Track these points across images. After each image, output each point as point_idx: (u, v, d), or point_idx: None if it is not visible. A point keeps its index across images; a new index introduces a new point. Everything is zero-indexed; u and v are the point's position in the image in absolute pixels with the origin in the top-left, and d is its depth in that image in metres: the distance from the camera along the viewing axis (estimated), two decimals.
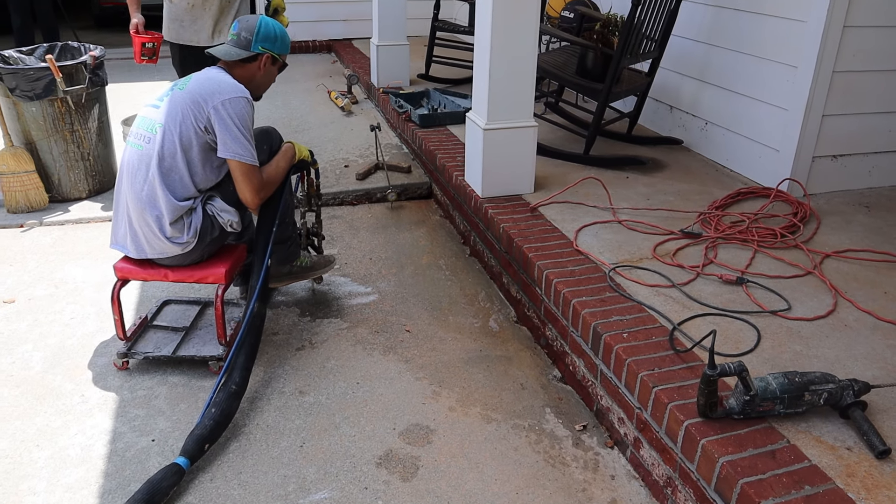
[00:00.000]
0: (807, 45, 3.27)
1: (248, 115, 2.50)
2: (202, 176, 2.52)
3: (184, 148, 2.45)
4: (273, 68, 2.72)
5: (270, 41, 2.64)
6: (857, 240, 3.03)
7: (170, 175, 2.46)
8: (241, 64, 2.63)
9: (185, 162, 2.46)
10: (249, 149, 2.50)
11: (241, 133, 2.46)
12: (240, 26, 2.62)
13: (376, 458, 2.23)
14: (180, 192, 2.48)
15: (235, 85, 2.52)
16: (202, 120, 2.44)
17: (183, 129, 2.44)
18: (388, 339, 2.85)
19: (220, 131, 2.45)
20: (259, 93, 2.73)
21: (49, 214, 3.93)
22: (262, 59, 2.65)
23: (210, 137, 2.47)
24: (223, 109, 2.44)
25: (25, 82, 3.73)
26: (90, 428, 2.36)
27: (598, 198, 3.37)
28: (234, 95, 2.47)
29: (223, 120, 2.44)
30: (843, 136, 3.48)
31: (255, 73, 2.66)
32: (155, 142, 2.45)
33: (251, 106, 2.53)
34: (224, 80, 2.52)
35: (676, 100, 4.31)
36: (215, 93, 2.46)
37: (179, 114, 2.45)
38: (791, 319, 2.42)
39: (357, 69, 6.51)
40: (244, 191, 2.54)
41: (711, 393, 1.88)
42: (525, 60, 3.21)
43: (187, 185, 2.49)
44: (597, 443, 2.32)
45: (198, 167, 2.49)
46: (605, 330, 2.32)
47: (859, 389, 1.95)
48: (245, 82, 2.61)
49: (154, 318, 2.88)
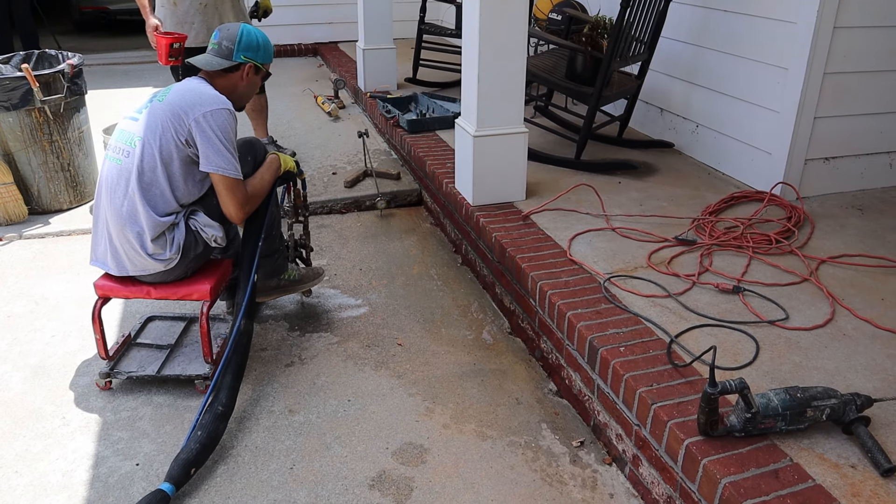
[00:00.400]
0: (797, 46, 3.24)
1: (230, 128, 2.43)
2: (184, 190, 2.44)
3: (164, 162, 2.38)
4: (256, 78, 2.65)
5: (253, 50, 2.57)
6: (852, 244, 2.99)
7: (150, 190, 2.38)
8: (223, 74, 2.56)
9: (165, 176, 2.39)
10: (233, 162, 2.43)
11: (223, 146, 2.39)
12: (221, 35, 2.55)
13: (369, 480, 2.17)
14: (162, 208, 2.40)
15: (217, 96, 2.44)
16: (183, 133, 2.37)
17: (163, 142, 2.37)
18: (379, 354, 2.79)
19: (201, 145, 2.38)
20: (242, 103, 2.66)
21: (29, 227, 3.84)
22: (244, 68, 2.58)
23: (191, 151, 2.40)
24: (204, 122, 2.37)
25: (1, 92, 3.64)
26: (71, 452, 2.29)
27: (590, 204, 3.32)
28: (216, 107, 2.40)
29: (205, 133, 2.37)
30: (834, 138, 3.44)
31: (237, 84, 2.60)
32: (134, 156, 2.38)
33: (234, 117, 2.46)
34: (205, 92, 2.45)
35: (667, 102, 4.27)
36: (196, 105, 2.39)
37: (159, 126, 2.37)
38: (789, 329, 2.38)
39: (344, 73, 6.44)
40: (228, 205, 2.47)
41: (712, 411, 1.83)
42: (514, 66, 3.15)
43: (168, 199, 2.41)
44: (594, 459, 2.27)
45: (179, 181, 2.42)
46: (602, 344, 2.26)
47: (862, 404, 1.91)
48: (227, 93, 2.54)
49: (138, 336, 2.80)
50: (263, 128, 4.72)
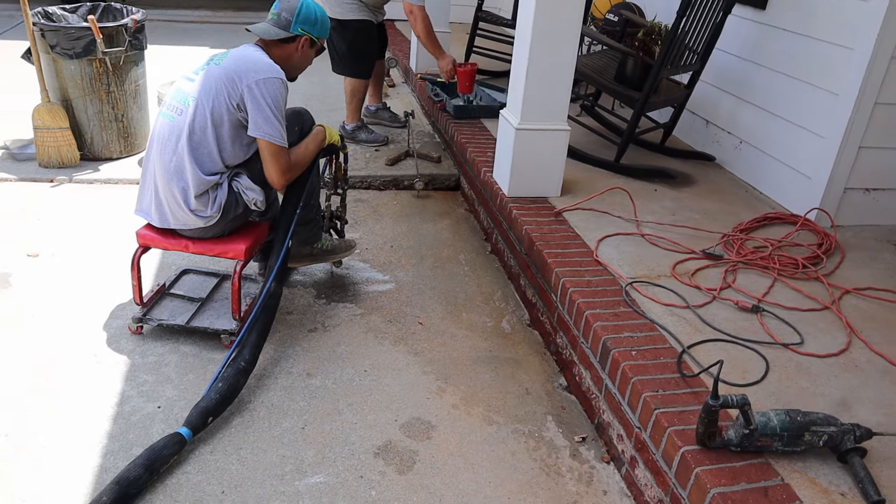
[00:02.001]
0: (851, 73, 3.21)
1: (281, 97, 2.52)
2: (230, 152, 2.54)
3: (214, 123, 2.48)
4: (310, 51, 2.73)
5: (310, 24, 2.65)
6: (881, 278, 2.99)
7: (199, 149, 2.49)
8: (279, 44, 2.64)
9: (214, 137, 2.49)
10: (280, 130, 2.52)
11: (272, 113, 2.48)
12: (281, 6, 2.63)
13: (375, 448, 2.26)
14: (208, 167, 2.51)
15: (271, 65, 2.53)
16: (235, 97, 2.46)
17: (215, 104, 2.46)
18: (400, 330, 2.87)
19: (252, 110, 2.47)
20: (294, 74, 2.74)
21: (79, 172, 3.99)
22: (300, 40, 2.65)
23: (242, 115, 2.49)
24: (257, 89, 2.45)
25: (66, 40, 3.78)
26: (100, 388, 2.42)
27: (623, 208, 3.36)
28: (269, 76, 2.49)
29: (256, 99, 2.46)
30: (878, 169, 3.42)
31: (291, 55, 2.67)
32: (186, 114, 2.48)
33: (285, 87, 2.55)
34: (260, 60, 2.53)
35: (713, 115, 4.26)
36: (250, 71, 2.48)
37: (213, 89, 2.47)
38: (802, 354, 2.40)
39: (397, 52, 6.50)
40: (271, 171, 2.56)
41: (711, 423, 1.88)
42: (563, 64, 3.19)
43: (215, 160, 2.51)
44: (594, 456, 2.33)
45: (227, 143, 2.52)
46: (615, 345, 2.32)
47: (861, 435, 1.94)
48: (281, 62, 2.61)
49: (172, 287, 2.92)
50: (378, 95, 4.88)
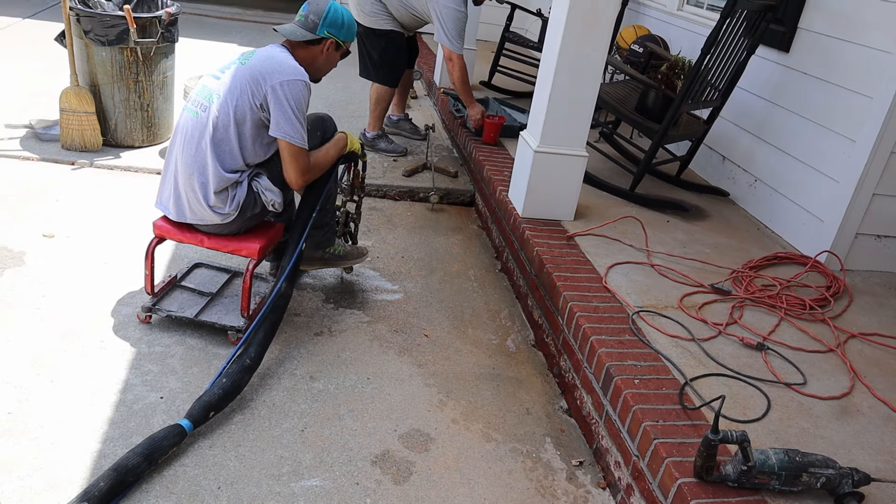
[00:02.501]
0: (869, 120, 3.24)
1: (303, 99, 2.55)
2: (251, 151, 2.58)
3: (237, 121, 2.51)
4: (336, 54, 2.75)
5: (337, 27, 2.67)
6: (887, 324, 2.99)
7: (221, 146, 2.52)
8: (305, 45, 2.67)
9: (236, 135, 2.52)
10: (301, 131, 2.55)
11: (294, 115, 2.51)
12: (309, 8, 2.65)
13: (373, 456, 2.27)
14: (229, 164, 2.54)
15: (296, 67, 2.56)
16: (259, 97, 2.50)
17: (239, 103, 2.50)
18: (405, 341, 2.89)
19: (274, 111, 2.50)
20: (319, 76, 2.77)
21: (101, 157, 4.04)
22: (325, 43, 2.68)
23: (264, 115, 2.52)
24: (280, 90, 2.49)
25: (100, 27, 3.83)
26: (104, 374, 2.44)
27: (635, 237, 3.38)
28: (293, 78, 2.52)
29: (279, 100, 2.49)
30: (891, 217, 3.43)
31: (317, 57, 2.70)
32: (210, 111, 2.52)
33: (308, 90, 2.58)
34: (285, 61, 2.56)
35: (730, 151, 4.29)
36: (275, 72, 2.51)
37: (238, 88, 2.51)
38: (804, 395, 2.41)
39: (422, 65, 6.56)
40: (290, 171, 2.59)
41: (710, 457, 1.89)
42: (586, 91, 3.23)
43: (236, 157, 2.55)
44: (590, 481, 2.34)
45: (248, 142, 2.55)
46: (618, 373, 2.33)
47: (859, 480, 1.94)
48: (306, 64, 2.65)
49: (183, 279, 2.95)
50: (401, 105, 4.91)
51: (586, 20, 3.07)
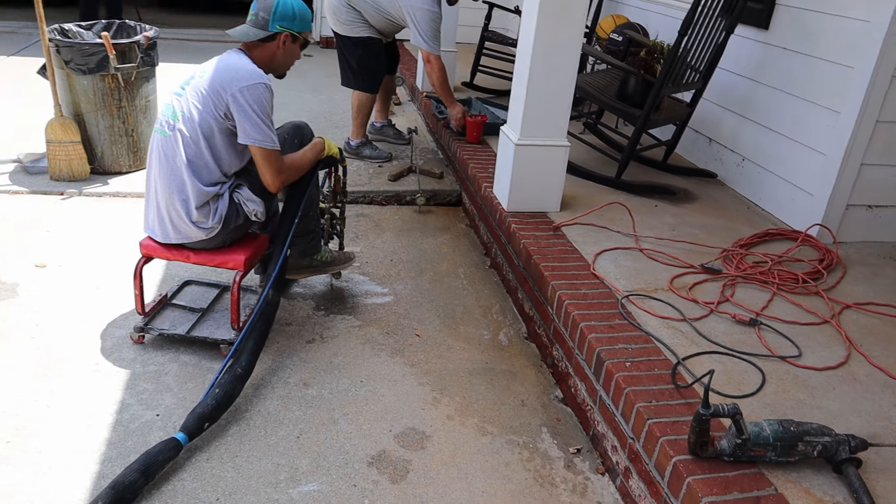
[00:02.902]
0: (852, 91, 3.23)
1: (266, 101, 2.53)
2: (227, 160, 2.58)
3: (205, 135, 2.51)
4: (294, 46, 2.72)
5: (289, 19, 2.64)
6: (882, 293, 2.98)
7: (195, 161, 2.52)
8: (260, 44, 2.64)
9: (208, 148, 2.52)
10: (268, 133, 2.54)
11: (259, 119, 2.50)
12: (258, 6, 2.62)
13: (369, 458, 2.27)
14: (206, 178, 2.54)
15: (252, 70, 2.54)
16: (221, 107, 2.49)
17: (203, 117, 2.50)
18: (397, 342, 2.89)
19: (238, 119, 2.49)
20: (282, 71, 2.77)
21: (89, 185, 4.05)
22: (280, 38, 2.65)
23: (230, 123, 2.52)
24: (241, 97, 2.47)
25: (80, 56, 3.86)
26: (100, 396, 2.44)
27: (622, 223, 3.37)
28: (252, 82, 2.50)
29: (241, 107, 2.48)
30: (880, 186, 3.42)
31: (275, 53, 2.67)
32: (178, 129, 2.51)
33: (269, 91, 2.55)
34: (242, 67, 2.54)
35: (716, 133, 4.28)
36: (233, 80, 2.49)
37: (199, 102, 2.50)
38: (799, 367, 2.40)
39: (404, 70, 6.57)
40: (265, 174, 2.59)
41: (703, 432, 1.88)
42: (563, 81, 3.23)
43: (213, 170, 2.55)
44: (588, 468, 2.33)
45: (222, 152, 2.55)
46: (609, 357, 2.32)
47: (856, 446, 1.93)
48: (266, 63, 2.64)
49: (174, 297, 2.96)
50: (384, 111, 4.93)
51: (559, 9, 3.07)
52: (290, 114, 5.14)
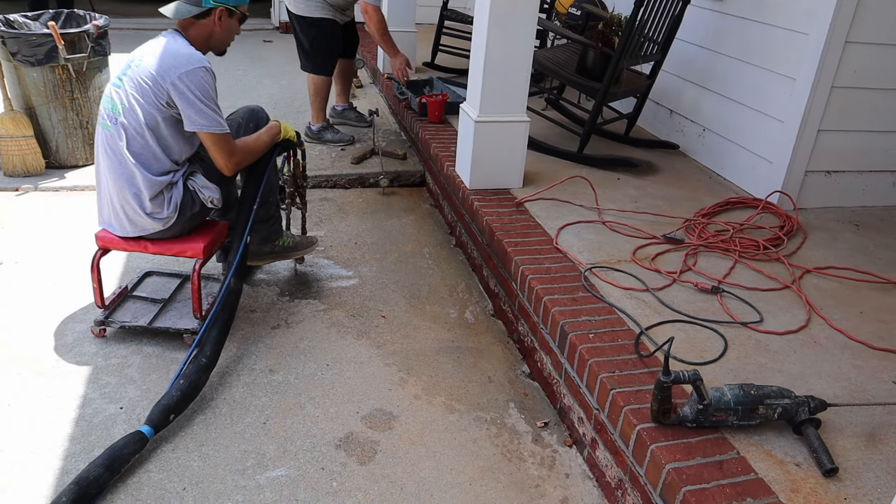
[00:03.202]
0: (807, 57, 3.26)
1: (208, 85, 2.45)
2: (176, 148, 2.51)
3: (150, 126, 2.43)
4: (232, 21, 2.60)
5: None
6: (842, 257, 3.02)
7: (142, 153, 2.45)
8: (196, 21, 2.53)
9: (154, 138, 2.45)
10: (215, 117, 2.46)
11: (203, 104, 2.42)
12: None
13: (336, 440, 2.26)
14: (156, 168, 2.48)
15: (190, 54, 2.45)
16: (163, 96, 2.40)
17: (145, 108, 2.41)
18: (363, 324, 2.87)
19: (182, 106, 2.41)
20: (221, 48, 2.67)
21: (45, 180, 3.97)
22: (215, 13, 2.53)
23: (174, 111, 2.44)
24: (181, 84, 2.39)
25: (27, 47, 3.76)
26: (62, 392, 2.40)
27: (585, 197, 3.38)
28: (191, 67, 2.41)
29: (183, 94, 2.40)
30: (838, 152, 3.46)
31: (212, 30, 2.57)
32: (120, 122, 2.43)
33: (210, 74, 2.47)
34: (178, 51, 2.44)
35: (677, 104, 4.30)
36: (171, 67, 2.40)
37: (139, 93, 2.41)
38: (761, 332, 2.43)
39: (365, 53, 6.51)
40: (217, 158, 2.53)
41: (665, 399, 1.89)
42: (520, 56, 3.21)
43: (162, 160, 2.48)
44: (556, 441, 2.34)
45: (168, 141, 2.48)
46: (573, 329, 2.33)
47: (815, 406, 1.96)
48: (204, 42, 2.56)
49: (135, 289, 2.91)
50: (345, 95, 4.88)
51: None
52: (251, 100, 5.07)
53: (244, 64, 6.57)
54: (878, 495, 1.77)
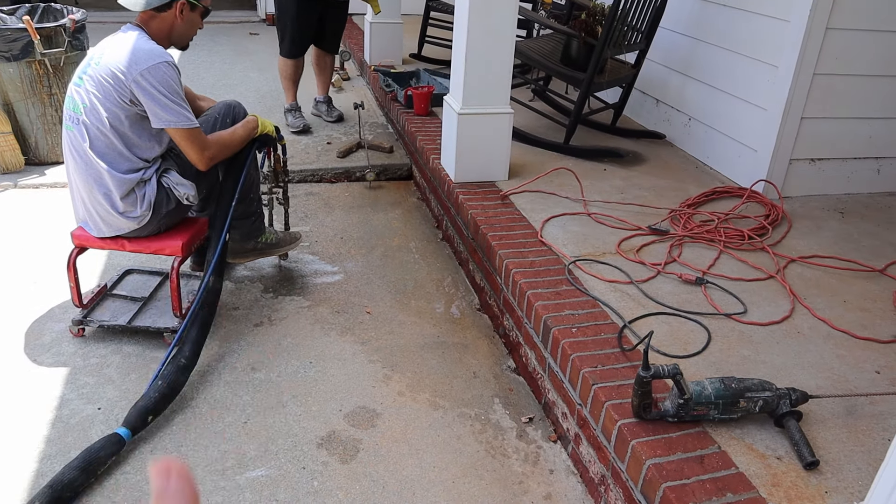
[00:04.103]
0: (788, 45, 3.23)
1: (171, 79, 2.38)
2: (142, 146, 2.46)
3: (113, 125, 2.38)
4: (194, 15, 2.55)
5: None
6: (826, 246, 3.01)
7: (108, 153, 2.40)
8: (157, 14, 2.46)
9: (118, 137, 2.39)
10: (182, 112, 2.41)
11: (169, 100, 2.37)
12: None
13: (318, 439, 2.24)
14: (124, 166, 2.43)
15: (151, 50, 2.39)
16: (126, 94, 2.35)
17: (107, 106, 2.36)
18: (347, 320, 2.85)
19: (147, 104, 2.36)
20: (183, 43, 2.61)
21: (25, 177, 3.92)
22: (176, 6, 2.47)
23: (138, 109, 2.38)
24: (144, 81, 2.33)
25: (2, 42, 3.70)
26: (38, 392, 2.37)
27: (571, 189, 3.36)
28: (152, 63, 2.34)
29: (147, 91, 2.34)
30: (822, 139, 3.45)
31: (173, 23, 2.50)
32: (83, 122, 2.38)
33: (172, 67, 2.40)
34: (139, 47, 2.37)
35: (663, 93, 4.27)
36: (132, 64, 2.33)
37: (100, 92, 2.35)
38: (745, 323, 2.41)
39: (351, 45, 6.46)
40: (190, 153, 2.48)
41: (645, 394, 1.88)
42: (502, 47, 3.18)
43: (129, 158, 2.43)
44: (541, 436, 2.33)
45: (134, 139, 2.42)
46: (556, 324, 2.31)
47: (797, 399, 1.94)
48: (164, 36, 2.50)
49: (114, 287, 2.87)
50: (326, 85, 4.86)
51: None
52: (237, 94, 5.03)
53: (230, 57, 6.50)
54: (858, 487, 1.77)
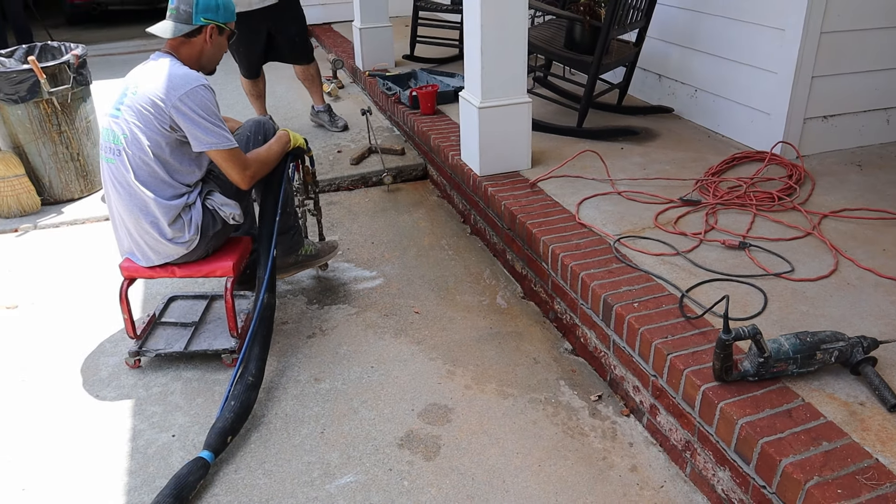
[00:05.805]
0: (793, 7, 3.28)
1: (210, 102, 2.42)
2: (182, 171, 2.47)
3: (155, 153, 2.39)
4: (221, 38, 2.60)
5: (213, 10, 2.52)
6: (852, 198, 3.07)
7: (151, 182, 2.42)
8: (186, 40, 2.52)
9: (160, 165, 2.41)
10: (222, 133, 2.43)
11: (209, 123, 2.39)
12: (177, 0, 2.50)
13: (398, 440, 2.26)
14: (168, 193, 2.44)
15: (186, 74, 2.42)
16: (165, 121, 2.37)
17: (148, 135, 2.38)
18: (397, 322, 2.87)
19: (187, 128, 2.38)
20: (211, 67, 2.65)
21: (43, 217, 3.90)
22: (206, 30, 2.52)
23: (179, 134, 2.41)
24: (183, 106, 2.36)
25: (8, 85, 3.68)
26: (108, 427, 2.37)
27: (595, 170, 3.39)
28: (190, 87, 2.38)
29: (187, 116, 2.37)
30: (832, 96, 3.50)
31: (203, 48, 2.55)
32: (125, 153, 2.40)
33: (209, 90, 2.44)
34: (174, 74, 2.41)
35: (664, 68, 4.32)
36: (169, 91, 2.37)
37: (140, 120, 2.37)
38: (795, 281, 2.46)
39: (341, 53, 6.46)
40: (232, 174, 2.50)
41: (727, 357, 1.91)
42: (516, 36, 3.21)
43: (172, 183, 2.45)
44: (613, 412, 2.36)
45: (174, 165, 2.44)
46: (616, 301, 2.34)
47: (868, 346, 1.99)
48: (194, 60, 2.54)
49: (162, 315, 2.87)
50: (319, 95, 4.86)
51: None
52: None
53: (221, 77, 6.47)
54: None
